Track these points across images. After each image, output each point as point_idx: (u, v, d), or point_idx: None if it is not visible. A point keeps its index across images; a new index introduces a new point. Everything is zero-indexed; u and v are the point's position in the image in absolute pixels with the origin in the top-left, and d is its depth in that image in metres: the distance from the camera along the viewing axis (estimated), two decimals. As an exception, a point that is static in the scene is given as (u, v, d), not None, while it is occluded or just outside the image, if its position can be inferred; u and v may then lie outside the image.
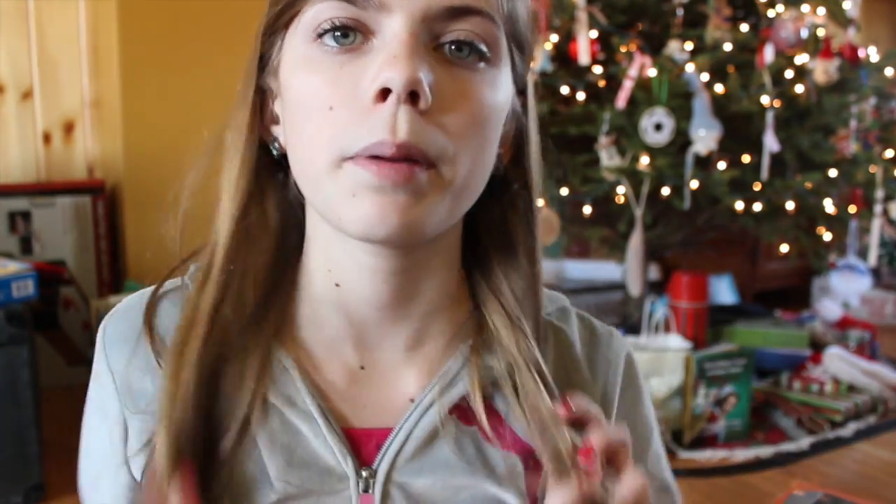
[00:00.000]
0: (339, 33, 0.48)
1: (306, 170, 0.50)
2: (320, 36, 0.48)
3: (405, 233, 0.48)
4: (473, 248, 0.59)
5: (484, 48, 0.49)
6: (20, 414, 1.64)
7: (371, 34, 0.48)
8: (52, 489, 1.72)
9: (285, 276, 0.56)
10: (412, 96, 0.46)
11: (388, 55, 0.46)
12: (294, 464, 0.52)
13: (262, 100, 0.55)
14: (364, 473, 0.53)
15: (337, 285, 0.55)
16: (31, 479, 1.66)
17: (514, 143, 0.57)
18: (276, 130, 0.55)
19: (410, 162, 0.47)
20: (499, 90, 0.51)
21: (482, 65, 0.50)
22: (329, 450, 0.53)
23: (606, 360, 0.62)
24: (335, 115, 0.48)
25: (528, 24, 0.54)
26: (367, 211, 0.47)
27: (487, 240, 0.58)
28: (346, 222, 0.48)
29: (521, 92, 0.56)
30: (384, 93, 0.46)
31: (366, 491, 0.53)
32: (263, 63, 0.54)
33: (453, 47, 0.49)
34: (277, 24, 0.52)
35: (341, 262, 0.54)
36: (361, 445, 0.54)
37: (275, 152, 0.55)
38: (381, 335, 0.56)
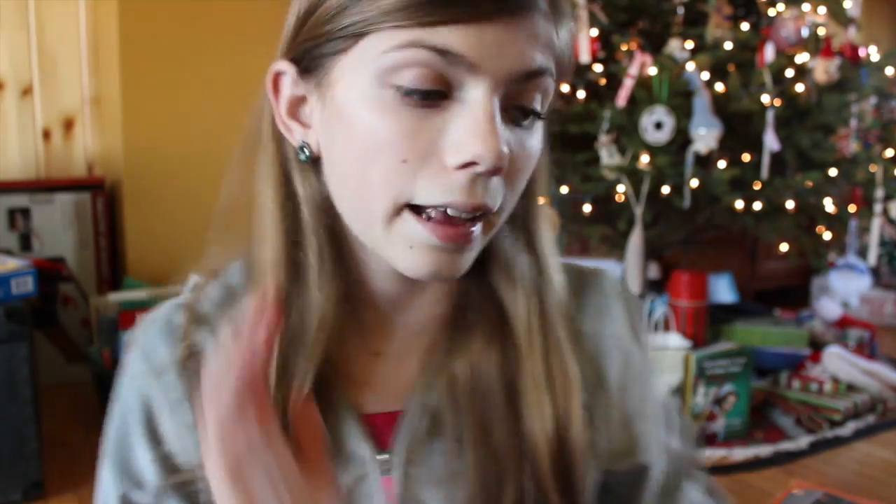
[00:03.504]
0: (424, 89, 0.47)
1: (359, 206, 0.51)
2: (393, 76, 0.47)
3: (452, 277, 0.51)
4: None
5: (542, 107, 0.51)
6: (19, 411, 1.64)
7: (452, 89, 0.47)
8: (51, 486, 1.72)
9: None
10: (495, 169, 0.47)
11: (475, 126, 0.46)
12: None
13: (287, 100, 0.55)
14: (384, 457, 0.55)
15: (357, 281, 0.56)
16: (29, 476, 1.66)
17: None
18: (307, 134, 0.54)
19: (476, 219, 0.49)
20: (541, 136, 0.53)
21: (537, 122, 0.52)
22: (351, 436, 0.55)
23: (598, 309, 0.62)
24: (408, 167, 0.47)
25: (569, 54, 0.54)
26: (422, 263, 0.50)
27: None
28: (399, 265, 0.51)
29: None
30: (470, 164, 0.47)
31: (387, 473, 0.55)
32: (302, 65, 0.52)
33: (518, 110, 0.50)
34: (334, 41, 0.49)
35: (365, 262, 0.56)
36: (381, 430, 0.56)
37: (303, 156, 0.54)
38: (393, 324, 0.58)
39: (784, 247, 2.60)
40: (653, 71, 2.12)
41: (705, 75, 2.13)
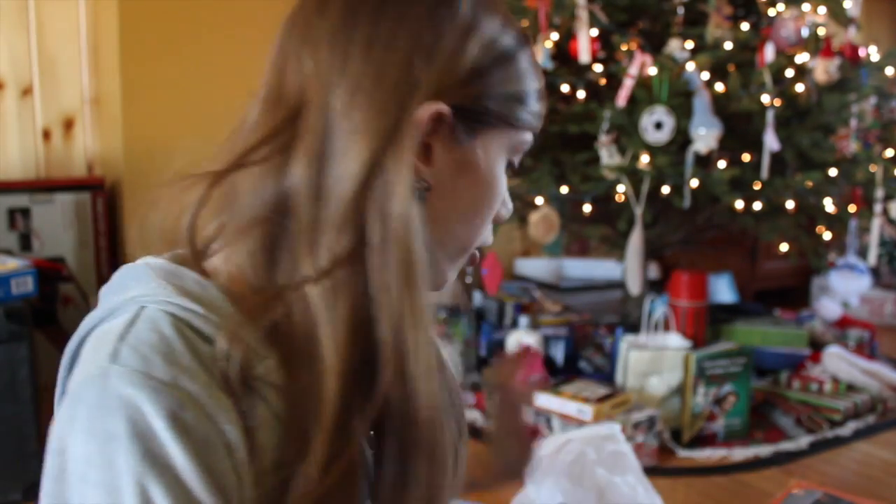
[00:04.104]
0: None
1: (462, 237, 0.64)
2: (514, 155, 0.65)
3: None
4: None
5: None
6: (19, 411, 1.64)
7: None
8: (51, 486, 1.72)
9: None
10: None
11: (506, 190, 0.66)
12: None
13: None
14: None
15: None
16: (30, 476, 1.66)
17: None
18: (425, 172, 0.58)
19: None
20: None
21: None
22: None
23: None
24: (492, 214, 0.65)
25: None
26: (451, 283, 0.66)
27: None
28: (446, 280, 0.65)
29: None
30: (503, 216, 0.67)
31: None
32: (461, 115, 0.59)
33: None
34: (504, 119, 0.62)
35: None
36: None
37: (422, 194, 0.58)
38: None
39: (784, 247, 2.60)
40: (653, 71, 2.12)
41: (705, 75, 2.13)
